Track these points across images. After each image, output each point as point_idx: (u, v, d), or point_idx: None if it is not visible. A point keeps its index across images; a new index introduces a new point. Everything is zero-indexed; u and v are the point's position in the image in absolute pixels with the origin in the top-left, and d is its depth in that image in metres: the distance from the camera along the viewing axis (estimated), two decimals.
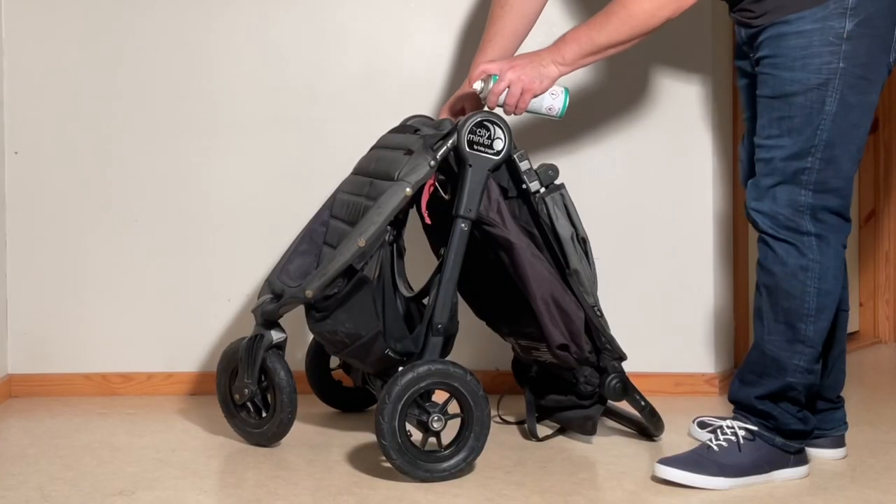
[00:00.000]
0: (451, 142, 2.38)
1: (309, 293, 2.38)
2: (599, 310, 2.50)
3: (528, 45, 2.97)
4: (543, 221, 2.46)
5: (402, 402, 2.29)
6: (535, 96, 2.40)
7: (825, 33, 2.18)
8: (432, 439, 2.36)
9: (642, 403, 2.57)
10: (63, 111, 3.05)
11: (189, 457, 2.52)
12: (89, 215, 3.06)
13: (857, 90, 2.20)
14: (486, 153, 2.38)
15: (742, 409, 2.35)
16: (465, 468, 2.34)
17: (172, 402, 3.00)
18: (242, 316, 3.03)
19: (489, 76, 2.41)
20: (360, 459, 2.49)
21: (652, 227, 3.05)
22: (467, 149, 2.37)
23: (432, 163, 2.37)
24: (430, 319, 2.37)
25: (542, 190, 2.46)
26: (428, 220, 2.43)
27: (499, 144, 2.39)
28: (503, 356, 2.88)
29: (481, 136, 2.38)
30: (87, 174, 3.05)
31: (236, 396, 2.54)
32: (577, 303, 2.45)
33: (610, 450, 2.57)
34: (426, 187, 2.40)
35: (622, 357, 2.53)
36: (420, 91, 3.03)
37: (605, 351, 2.50)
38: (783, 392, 2.29)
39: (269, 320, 2.51)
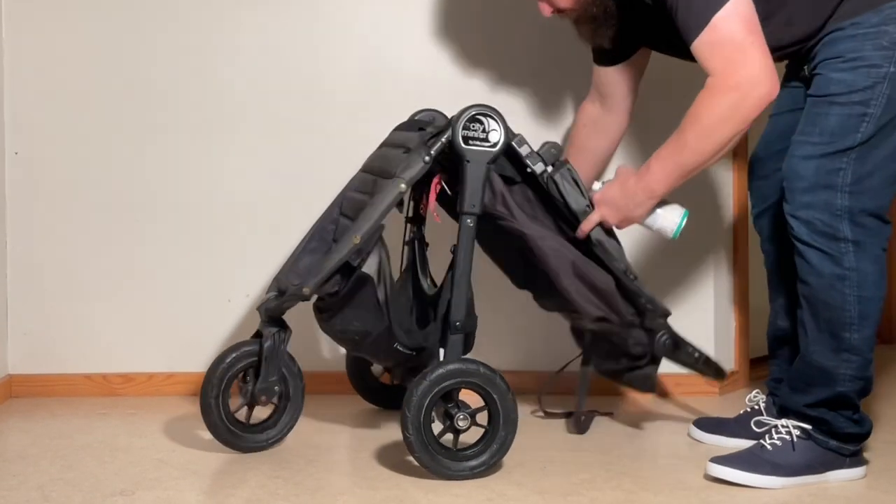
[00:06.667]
0: (445, 137, 2.38)
1: (306, 290, 2.39)
2: (633, 273, 2.48)
3: (527, 45, 2.97)
4: (556, 199, 2.45)
5: (427, 400, 2.29)
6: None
7: (879, 38, 2.20)
8: (461, 437, 2.36)
9: (696, 356, 2.56)
10: (63, 111, 3.05)
11: (189, 457, 2.52)
12: (89, 215, 3.06)
13: None
14: (483, 146, 2.38)
15: (794, 415, 2.34)
16: (488, 469, 2.34)
17: (173, 402, 3.00)
18: (243, 316, 3.03)
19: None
20: (361, 460, 2.49)
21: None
22: (463, 145, 2.37)
23: (427, 158, 2.38)
24: (446, 317, 2.38)
25: (549, 169, 2.45)
26: (437, 219, 2.45)
27: (494, 136, 2.39)
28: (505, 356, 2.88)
29: (476, 131, 2.38)
30: (87, 174, 3.05)
31: (263, 398, 2.50)
32: (605, 271, 2.44)
33: (610, 450, 2.57)
34: (433, 186, 2.41)
35: (666, 313, 2.51)
36: (420, 91, 3.02)
37: (647, 311, 2.49)
38: (834, 400, 2.28)
39: (272, 317, 2.52)
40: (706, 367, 2.59)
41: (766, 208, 2.51)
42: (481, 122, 2.38)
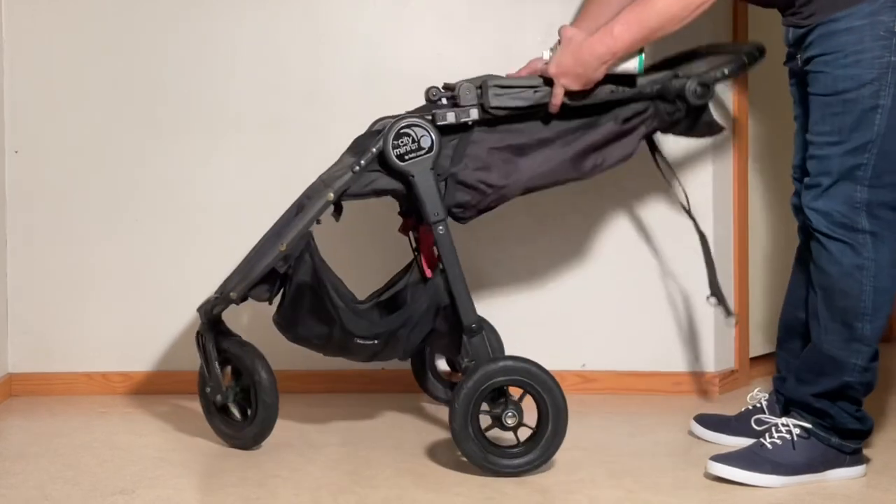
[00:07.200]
0: (375, 148, 2.39)
1: (233, 295, 2.43)
2: (621, 89, 2.43)
3: (528, 44, 2.97)
4: (513, 115, 2.43)
5: (475, 396, 2.32)
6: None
7: (875, 28, 2.19)
8: (509, 435, 2.39)
9: (725, 72, 2.46)
10: (63, 110, 3.05)
11: (189, 456, 2.52)
12: (89, 214, 3.06)
13: None
14: (420, 155, 2.38)
15: (798, 407, 2.35)
16: (534, 468, 2.35)
17: (173, 401, 3.00)
18: (242, 316, 3.03)
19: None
20: (361, 459, 2.49)
21: (652, 226, 3.05)
22: (401, 163, 2.38)
23: (356, 168, 2.40)
24: (460, 324, 2.40)
25: (482, 104, 2.42)
26: (428, 274, 2.47)
27: (426, 141, 2.38)
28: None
29: (406, 144, 2.38)
30: (87, 173, 3.06)
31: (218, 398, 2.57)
32: (600, 116, 2.43)
33: (610, 449, 2.57)
34: (426, 244, 2.43)
35: (675, 76, 2.46)
36: (420, 91, 3.01)
37: (659, 91, 2.45)
38: (841, 391, 2.29)
39: (208, 319, 2.54)
40: (740, 67, 2.49)
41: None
42: (409, 135, 2.38)
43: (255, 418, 2.53)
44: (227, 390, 2.55)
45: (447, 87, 2.48)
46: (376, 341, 2.43)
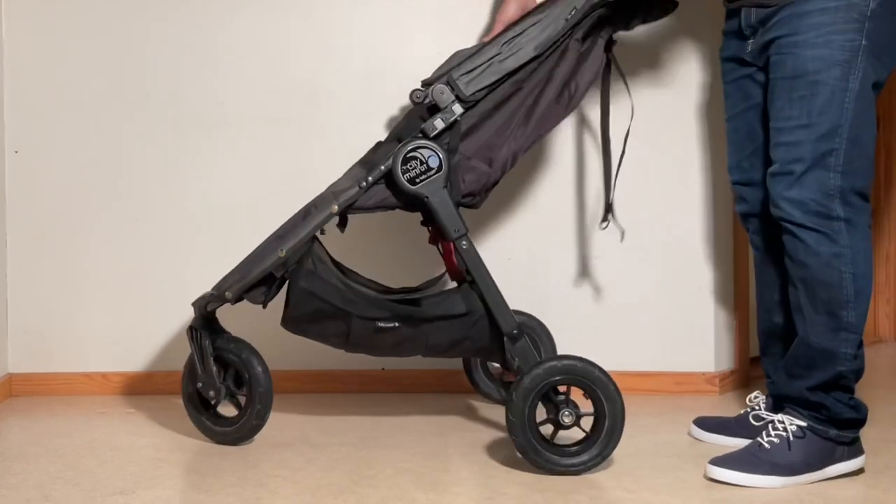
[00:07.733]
0: (384, 166, 2.40)
1: (228, 294, 2.45)
2: (571, 12, 2.41)
3: None
4: (492, 88, 2.43)
5: (532, 394, 2.32)
6: None
7: (850, 10, 2.19)
8: (568, 433, 2.39)
9: None
10: (64, 110, 3.05)
11: (189, 456, 2.52)
12: (90, 214, 3.06)
13: (875, 69, 2.22)
14: (430, 176, 2.38)
15: (793, 403, 2.34)
16: (592, 466, 2.35)
17: (173, 401, 3.00)
18: (242, 315, 3.03)
19: None
20: (361, 458, 2.49)
21: (651, 226, 3.05)
22: (412, 187, 2.38)
23: (363, 184, 2.40)
24: (500, 331, 2.40)
25: (459, 97, 2.42)
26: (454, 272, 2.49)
27: (434, 161, 2.39)
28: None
29: (416, 168, 2.38)
30: (87, 173, 3.06)
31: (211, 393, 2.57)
32: (562, 45, 2.42)
33: None
34: (448, 255, 2.43)
35: None
36: None
37: None
38: (834, 381, 2.29)
39: (201, 314, 2.55)
40: None
41: (753, 211, 2.50)
42: (416, 158, 2.38)
43: (248, 413, 2.54)
44: (221, 386, 2.54)
45: (426, 83, 2.47)
46: (396, 324, 2.43)
